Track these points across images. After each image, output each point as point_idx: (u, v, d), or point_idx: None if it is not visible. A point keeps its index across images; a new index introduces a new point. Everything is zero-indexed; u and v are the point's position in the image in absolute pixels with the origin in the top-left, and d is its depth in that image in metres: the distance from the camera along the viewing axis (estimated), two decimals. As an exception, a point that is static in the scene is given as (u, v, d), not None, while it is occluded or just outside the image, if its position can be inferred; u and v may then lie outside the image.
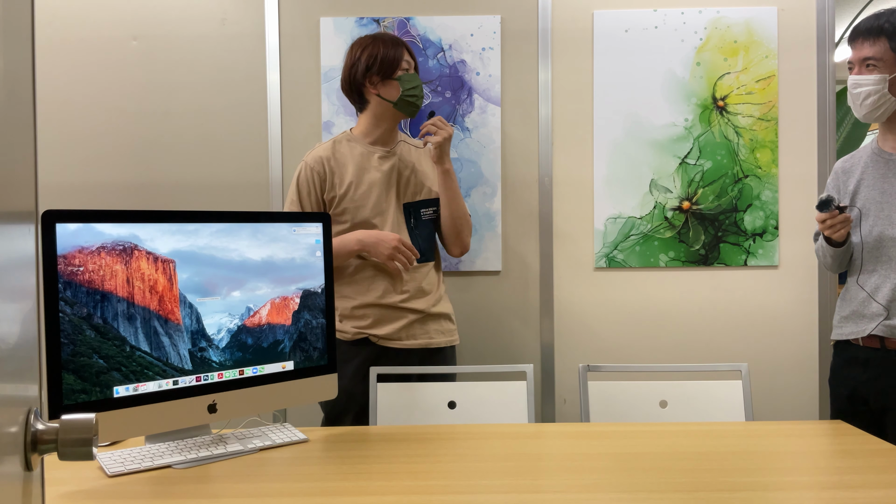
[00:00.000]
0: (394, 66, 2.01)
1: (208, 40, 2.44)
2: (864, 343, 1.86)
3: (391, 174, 2.05)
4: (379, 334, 2.01)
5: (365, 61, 2.01)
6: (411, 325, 2.03)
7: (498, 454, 1.43)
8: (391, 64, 2.00)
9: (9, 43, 0.64)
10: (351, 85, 2.06)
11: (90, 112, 2.44)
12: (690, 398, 1.86)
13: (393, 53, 2.01)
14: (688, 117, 2.43)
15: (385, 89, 2.02)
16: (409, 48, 2.07)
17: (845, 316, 1.92)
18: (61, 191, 2.44)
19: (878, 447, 1.45)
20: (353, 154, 2.04)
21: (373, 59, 2.01)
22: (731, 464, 1.36)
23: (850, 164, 1.97)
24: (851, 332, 1.89)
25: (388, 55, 2.00)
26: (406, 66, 2.03)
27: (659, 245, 2.45)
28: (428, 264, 2.10)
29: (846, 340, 1.92)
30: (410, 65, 2.05)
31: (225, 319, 1.50)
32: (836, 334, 1.95)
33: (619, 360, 2.46)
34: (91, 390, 1.32)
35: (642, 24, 2.43)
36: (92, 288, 1.32)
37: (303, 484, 1.28)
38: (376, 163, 2.04)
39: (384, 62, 2.00)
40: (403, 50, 2.04)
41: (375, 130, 2.07)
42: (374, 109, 2.06)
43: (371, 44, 2.03)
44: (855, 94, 1.85)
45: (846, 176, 1.96)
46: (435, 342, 2.07)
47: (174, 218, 1.44)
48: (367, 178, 2.02)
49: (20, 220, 0.66)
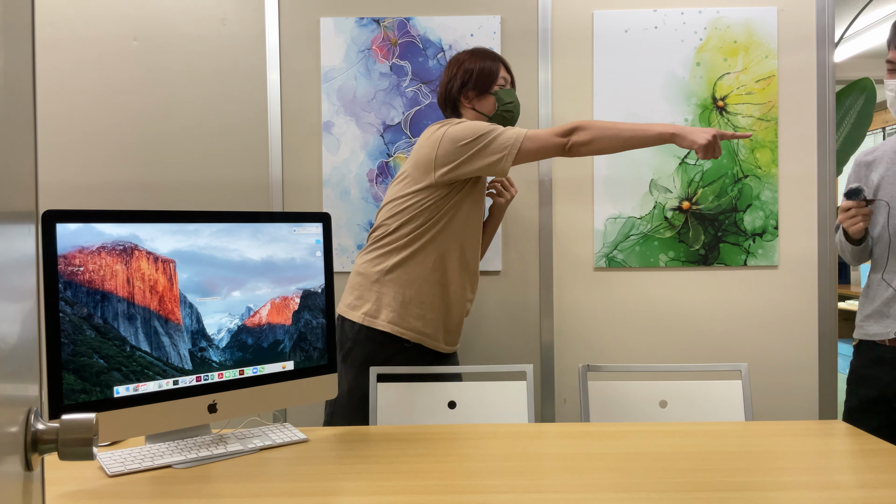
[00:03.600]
0: (490, 81, 2.02)
1: (208, 40, 2.44)
2: (890, 343, 1.82)
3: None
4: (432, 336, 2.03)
5: (461, 77, 2.02)
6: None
7: (498, 454, 1.43)
8: (487, 78, 2.01)
9: (9, 43, 0.64)
10: (446, 100, 2.07)
11: (90, 112, 2.44)
12: (690, 398, 1.86)
13: (489, 68, 2.02)
14: (688, 117, 2.43)
15: (481, 104, 2.03)
16: (506, 63, 2.07)
17: (868, 314, 1.87)
18: (61, 191, 2.44)
19: (878, 447, 1.45)
20: None
21: (469, 74, 2.02)
22: (731, 464, 1.36)
23: (873, 158, 1.93)
24: (877, 333, 1.84)
25: (484, 70, 2.01)
26: (503, 82, 2.03)
27: (659, 245, 2.45)
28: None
29: (872, 341, 1.87)
30: (507, 80, 2.05)
31: (225, 319, 1.50)
32: (860, 334, 1.90)
33: (619, 360, 2.46)
34: (91, 390, 1.32)
35: (642, 24, 2.43)
36: (92, 288, 1.32)
37: (303, 484, 1.28)
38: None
39: (480, 77, 2.01)
40: (500, 65, 2.04)
41: None
42: None
43: (468, 59, 2.04)
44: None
45: (868, 170, 1.92)
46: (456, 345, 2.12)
47: (174, 218, 1.44)
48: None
49: (20, 220, 0.66)
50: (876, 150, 1.94)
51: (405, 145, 2.43)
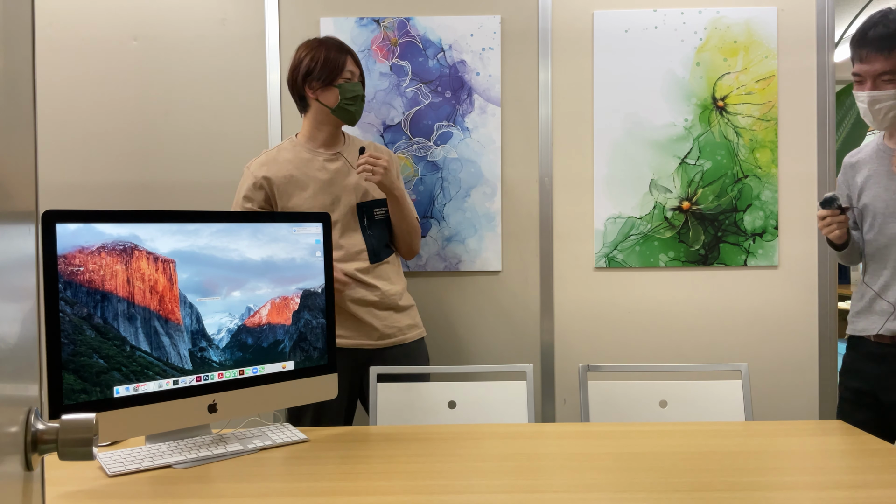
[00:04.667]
0: (335, 73, 1.99)
1: (208, 40, 2.44)
2: (875, 339, 1.87)
3: (337, 177, 2.03)
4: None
5: (307, 65, 2.00)
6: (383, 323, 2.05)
7: (498, 454, 1.43)
8: (332, 70, 1.98)
9: (9, 43, 0.64)
10: (293, 88, 2.05)
11: (90, 112, 2.44)
12: (690, 398, 1.86)
13: (335, 59, 1.99)
14: (688, 117, 2.43)
15: (324, 95, 2.00)
16: (355, 56, 2.05)
17: (858, 311, 1.92)
18: (61, 191, 2.44)
19: (878, 447, 1.45)
20: (298, 160, 2.02)
21: (315, 63, 1.99)
22: (731, 464, 1.36)
23: (857, 159, 1.96)
24: (864, 329, 1.89)
25: (329, 61, 1.98)
26: (349, 76, 2.01)
27: (659, 245, 2.45)
28: (384, 262, 2.09)
29: (860, 336, 1.91)
30: (354, 74, 2.03)
31: (225, 319, 1.50)
32: (850, 329, 1.95)
33: (619, 360, 2.46)
34: (91, 390, 1.32)
35: (642, 24, 2.43)
36: (92, 288, 1.32)
37: (303, 484, 1.28)
38: (320, 166, 2.03)
39: (325, 68, 1.98)
40: (347, 57, 2.01)
41: (319, 134, 2.06)
42: (315, 114, 2.04)
43: (316, 48, 2.01)
44: (875, 111, 1.80)
45: (853, 171, 1.95)
46: (408, 337, 2.09)
47: (174, 218, 1.44)
48: (312, 183, 2.00)
49: (20, 220, 0.66)
50: (860, 151, 1.97)
51: (405, 145, 2.43)
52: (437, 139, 2.44)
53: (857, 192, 1.91)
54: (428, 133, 2.44)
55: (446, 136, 2.43)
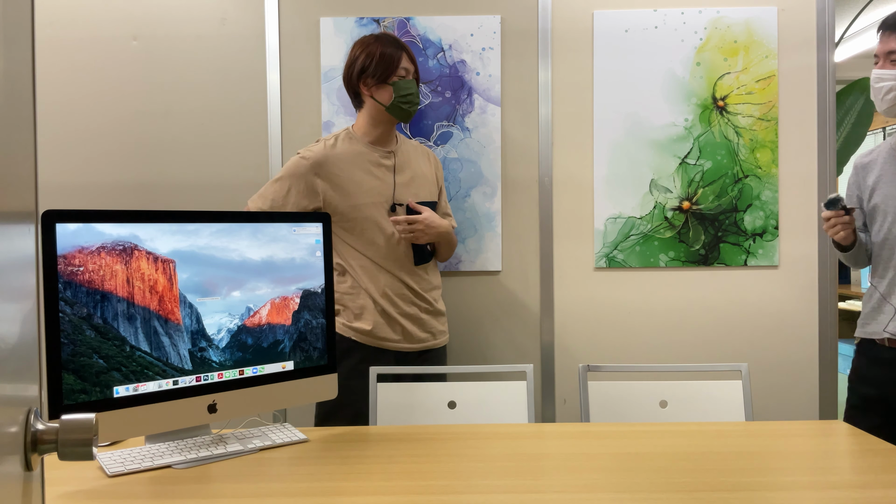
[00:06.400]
0: (389, 70, 1.97)
1: (208, 40, 2.44)
2: (889, 344, 1.85)
3: (390, 175, 2.04)
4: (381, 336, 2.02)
5: (362, 62, 1.99)
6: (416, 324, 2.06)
7: (498, 454, 1.43)
8: (387, 67, 1.97)
9: (9, 43, 0.64)
10: (348, 85, 2.05)
11: (90, 112, 2.44)
12: (690, 398, 1.86)
13: (390, 56, 1.97)
14: (688, 117, 2.43)
15: (379, 92, 1.99)
16: (410, 53, 2.02)
17: (866, 314, 1.92)
18: (61, 191, 2.44)
19: (878, 447, 1.45)
20: (353, 153, 2.02)
21: (370, 60, 1.98)
22: (731, 464, 1.36)
23: (869, 160, 1.95)
24: (873, 332, 1.88)
25: (384, 58, 1.97)
26: (403, 73, 1.99)
27: (659, 245, 2.45)
28: (429, 264, 2.10)
29: (871, 339, 1.91)
30: (409, 71, 2.01)
31: (225, 319, 1.50)
32: (860, 332, 1.94)
33: (619, 360, 2.46)
34: (91, 390, 1.32)
35: (642, 24, 2.43)
36: (92, 288, 1.32)
37: (303, 484, 1.28)
38: (375, 163, 2.03)
39: (380, 65, 1.97)
40: (402, 54, 1.99)
41: (373, 130, 2.05)
42: (370, 110, 2.04)
43: (371, 44, 1.99)
44: (877, 89, 1.81)
45: (865, 172, 1.94)
46: (438, 342, 2.09)
47: (174, 218, 1.43)
48: (366, 179, 2.01)
49: (20, 220, 0.66)
50: (872, 151, 1.96)
51: (405, 145, 2.43)
52: (437, 139, 2.43)
53: (868, 193, 1.90)
54: (428, 133, 2.43)
55: (446, 136, 2.43)
